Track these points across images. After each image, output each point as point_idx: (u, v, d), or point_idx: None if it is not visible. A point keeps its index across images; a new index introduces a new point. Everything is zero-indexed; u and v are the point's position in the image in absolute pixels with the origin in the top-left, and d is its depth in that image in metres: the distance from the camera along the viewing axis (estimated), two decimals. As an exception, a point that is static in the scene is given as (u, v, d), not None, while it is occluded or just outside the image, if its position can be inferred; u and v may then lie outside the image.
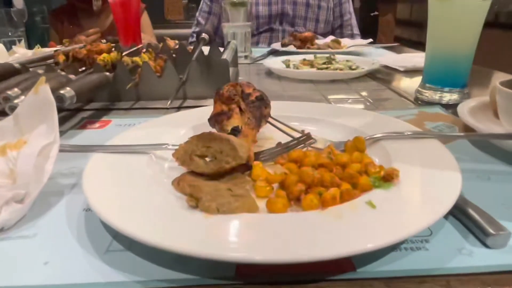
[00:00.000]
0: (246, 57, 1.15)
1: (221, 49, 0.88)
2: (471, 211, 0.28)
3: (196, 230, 0.25)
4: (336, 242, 0.23)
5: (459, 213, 0.29)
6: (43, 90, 0.38)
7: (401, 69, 0.92)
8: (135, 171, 0.34)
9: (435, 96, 0.64)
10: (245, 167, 0.35)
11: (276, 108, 0.47)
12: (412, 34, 3.57)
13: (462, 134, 0.49)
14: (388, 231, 0.24)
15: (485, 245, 0.27)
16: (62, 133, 0.53)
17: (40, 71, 0.72)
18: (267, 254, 0.22)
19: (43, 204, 0.34)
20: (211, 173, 0.33)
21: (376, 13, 3.37)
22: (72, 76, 0.65)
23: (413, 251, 0.27)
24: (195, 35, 1.64)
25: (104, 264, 0.26)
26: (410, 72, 0.91)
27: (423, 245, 0.27)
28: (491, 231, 0.26)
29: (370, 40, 1.32)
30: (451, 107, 0.60)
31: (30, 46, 1.18)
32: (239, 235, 0.24)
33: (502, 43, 2.02)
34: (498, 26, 2.10)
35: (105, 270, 0.26)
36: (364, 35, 1.65)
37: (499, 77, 0.87)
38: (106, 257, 0.27)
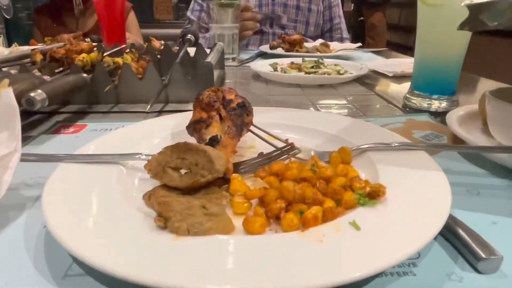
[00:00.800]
0: (233, 59, 1.13)
1: (208, 51, 0.86)
2: (461, 232, 0.27)
3: (161, 256, 0.22)
4: (316, 272, 0.21)
5: (449, 234, 0.28)
6: (6, 94, 0.35)
7: (390, 74, 0.91)
8: (103, 184, 0.32)
9: (423, 103, 0.63)
10: (223, 181, 0.33)
11: (259, 115, 0.45)
12: (400, 38, 3.60)
13: (451, 145, 0.47)
14: (373, 258, 0.22)
15: (476, 269, 0.25)
16: (32, 138, 0.50)
17: (14, 71, 0.69)
18: (240, 286, 0.20)
19: (0, 219, 0.31)
20: (185, 187, 0.31)
21: (361, 18, 3.38)
22: (47, 77, 0.62)
23: (400, 276, 0.25)
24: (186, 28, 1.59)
25: (60, 292, 0.24)
26: (398, 77, 0.90)
27: (411, 269, 0.25)
28: (482, 255, 0.24)
29: (359, 44, 1.31)
30: (440, 114, 0.59)
31: (11, 44, 1.13)
32: (209, 263, 0.22)
33: (488, 50, 2.04)
34: (484, 33, 2.12)
35: (60, 298, 0.23)
36: (354, 39, 1.65)
37: (487, 84, 0.87)
38: (63, 282, 0.24)
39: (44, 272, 0.25)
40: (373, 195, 0.29)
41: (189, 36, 0.94)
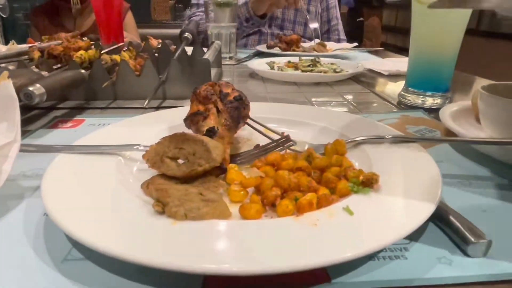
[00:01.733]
0: (230, 58, 1.14)
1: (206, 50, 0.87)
2: (451, 218, 0.27)
3: (160, 238, 0.23)
4: (309, 252, 0.22)
5: (440, 220, 0.28)
6: (5, 86, 0.36)
7: (385, 73, 0.92)
8: (102, 173, 0.32)
9: (417, 100, 0.64)
10: (220, 170, 0.33)
11: (256, 109, 0.46)
12: (397, 40, 3.63)
13: (443, 138, 0.48)
14: (364, 240, 0.23)
15: (465, 253, 0.26)
16: (31, 132, 0.51)
17: (12, 67, 0.69)
18: (236, 265, 0.21)
19: (0, 208, 0.31)
20: (183, 176, 0.31)
21: (361, 19, 3.41)
22: (45, 73, 0.62)
23: (392, 260, 0.25)
24: (194, 16, 1.55)
25: (59, 275, 0.24)
26: (394, 76, 0.91)
27: (402, 253, 0.26)
28: (471, 239, 0.25)
29: (355, 44, 1.32)
30: (434, 111, 0.60)
31: (8, 43, 1.13)
32: (206, 244, 0.23)
33: (484, 51, 2.06)
34: (479, 34, 2.14)
35: (60, 281, 0.23)
36: (350, 40, 1.66)
37: (481, 82, 0.88)
38: (63, 266, 0.25)
39: (44, 257, 0.26)
40: (367, 183, 0.29)
41: (186, 34, 0.94)
